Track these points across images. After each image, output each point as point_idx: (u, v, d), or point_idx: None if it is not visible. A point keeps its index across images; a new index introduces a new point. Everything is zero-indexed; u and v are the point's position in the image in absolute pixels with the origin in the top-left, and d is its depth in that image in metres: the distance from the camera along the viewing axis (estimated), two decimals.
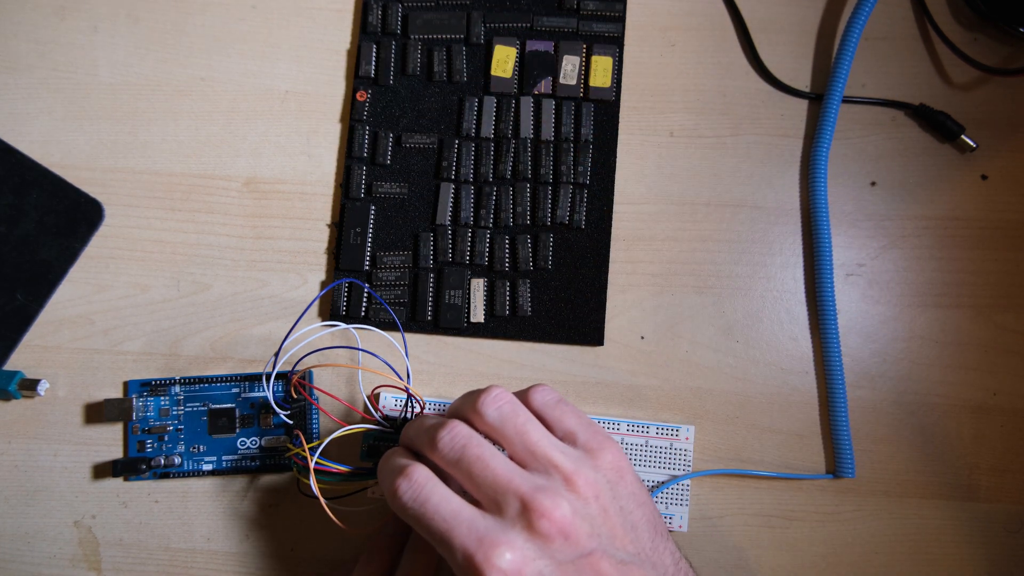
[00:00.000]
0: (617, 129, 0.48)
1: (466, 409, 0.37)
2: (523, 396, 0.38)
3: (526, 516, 0.33)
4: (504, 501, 0.34)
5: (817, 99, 0.49)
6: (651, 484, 0.44)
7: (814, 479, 0.45)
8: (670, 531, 0.44)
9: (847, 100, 0.48)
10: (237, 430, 0.46)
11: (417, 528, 0.35)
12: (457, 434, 0.36)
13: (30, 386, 0.46)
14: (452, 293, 0.47)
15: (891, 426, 0.46)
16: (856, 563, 0.45)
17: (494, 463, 0.35)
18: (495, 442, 0.37)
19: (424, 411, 0.44)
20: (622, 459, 0.37)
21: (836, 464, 0.45)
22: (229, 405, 0.46)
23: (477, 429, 0.37)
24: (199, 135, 0.49)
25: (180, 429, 0.46)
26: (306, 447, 0.40)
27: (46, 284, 0.47)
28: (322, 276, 0.48)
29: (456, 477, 0.35)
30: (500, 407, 0.37)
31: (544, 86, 0.48)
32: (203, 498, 0.46)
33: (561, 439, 0.37)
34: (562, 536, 0.33)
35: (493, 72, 0.49)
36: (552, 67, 0.49)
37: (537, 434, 0.36)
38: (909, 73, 0.49)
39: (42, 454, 0.46)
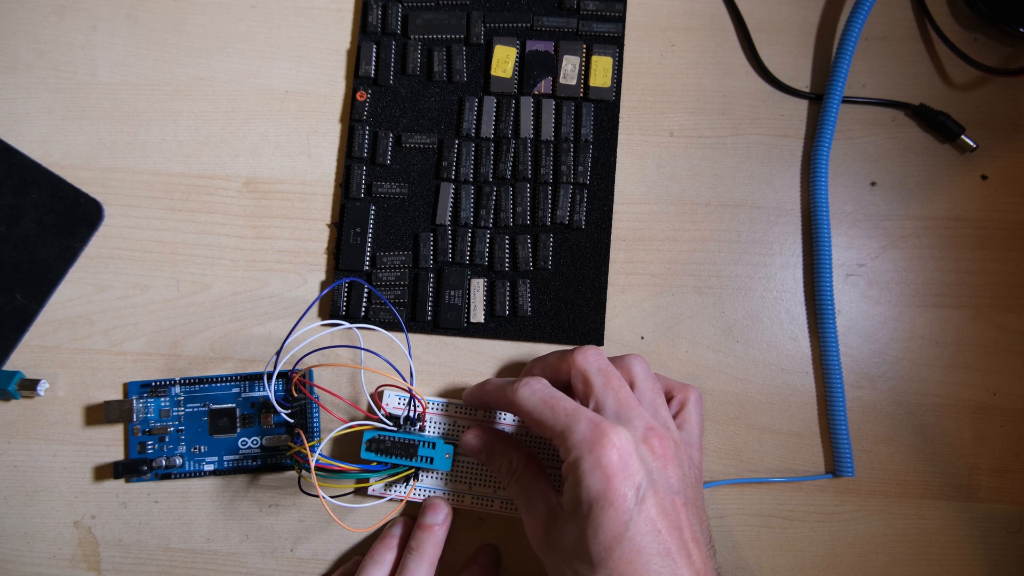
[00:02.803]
0: (617, 129, 0.48)
1: (566, 356, 0.40)
2: (671, 388, 0.43)
3: (644, 432, 0.37)
4: (628, 416, 0.37)
5: (817, 99, 0.49)
6: None
7: (814, 480, 0.45)
8: None
9: (847, 100, 0.48)
10: (238, 430, 0.46)
11: (536, 415, 0.38)
12: (603, 356, 0.40)
13: (30, 386, 0.46)
14: (452, 293, 0.47)
15: (891, 426, 0.46)
16: (856, 563, 0.45)
17: (629, 390, 0.39)
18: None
19: (427, 411, 0.45)
20: (701, 481, 0.41)
21: (835, 463, 0.45)
22: (230, 405, 0.46)
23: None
24: (199, 135, 0.49)
25: (181, 430, 0.46)
26: (307, 445, 0.40)
27: (46, 284, 0.47)
28: (322, 276, 0.48)
29: (588, 384, 0.39)
30: (647, 371, 0.41)
31: (544, 86, 0.48)
32: (203, 498, 0.46)
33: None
34: (664, 460, 0.36)
35: (493, 72, 0.49)
36: (552, 67, 0.49)
37: (667, 408, 0.40)
38: (909, 73, 0.49)
39: (42, 454, 0.46)
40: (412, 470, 0.43)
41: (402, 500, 0.44)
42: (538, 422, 0.38)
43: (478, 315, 0.47)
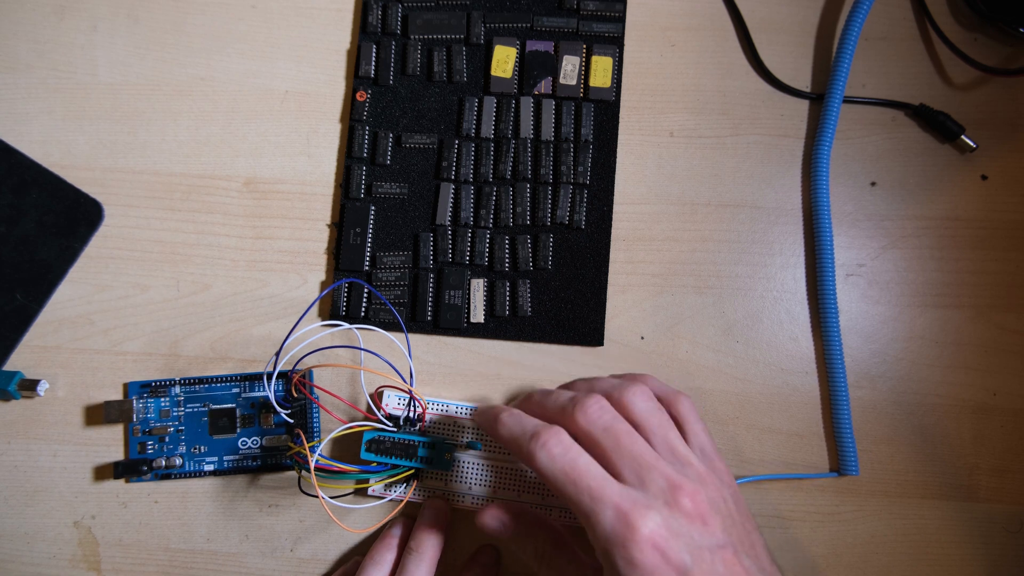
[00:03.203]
0: (617, 129, 0.48)
1: (610, 390, 0.39)
2: (668, 398, 0.41)
3: (670, 494, 0.35)
4: (649, 477, 0.35)
5: (818, 99, 0.49)
6: None
7: (818, 478, 0.45)
8: None
9: (847, 100, 0.48)
10: (238, 430, 0.46)
11: (558, 486, 0.36)
12: (605, 407, 0.38)
13: (30, 386, 0.46)
14: (452, 293, 0.47)
15: (891, 426, 0.46)
16: (856, 563, 0.45)
17: (641, 441, 0.37)
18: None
19: (426, 412, 0.45)
20: (738, 490, 0.39)
21: (840, 462, 0.45)
22: (230, 405, 0.46)
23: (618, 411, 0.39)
24: (199, 135, 0.49)
25: (181, 430, 0.46)
26: (307, 445, 0.40)
27: (46, 284, 0.47)
28: (322, 276, 0.48)
29: (598, 446, 0.37)
30: (648, 401, 0.39)
31: (544, 86, 0.48)
32: (203, 498, 0.46)
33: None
34: (700, 519, 0.34)
35: (493, 72, 0.49)
36: (552, 67, 0.49)
37: (679, 436, 0.38)
38: (909, 73, 0.49)
39: (42, 454, 0.46)
40: (412, 471, 0.43)
41: (402, 501, 0.44)
42: (560, 494, 0.36)
43: (478, 315, 0.47)
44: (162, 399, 0.46)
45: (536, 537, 0.40)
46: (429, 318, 0.47)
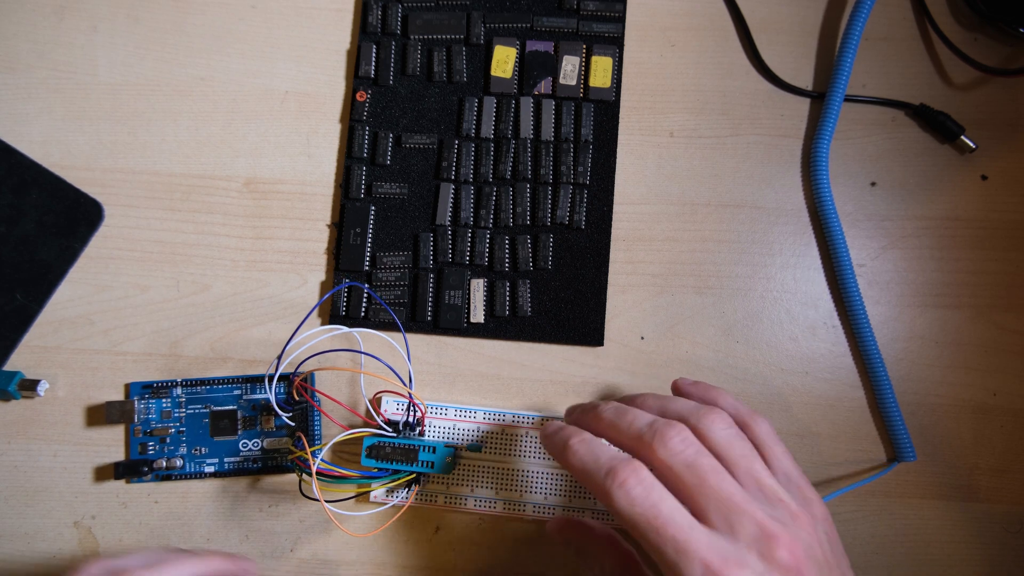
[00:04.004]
0: (617, 129, 0.48)
1: (687, 416, 0.36)
2: (745, 420, 0.38)
3: (763, 543, 0.32)
4: (739, 522, 0.32)
5: (819, 97, 0.49)
6: None
7: (881, 475, 0.45)
8: None
9: (848, 99, 0.48)
10: (239, 432, 0.46)
11: (639, 531, 0.32)
12: (688, 439, 0.34)
13: (30, 386, 0.46)
14: (452, 293, 0.47)
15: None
16: (856, 563, 0.45)
17: (729, 479, 0.33)
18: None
19: (426, 416, 0.44)
20: (829, 516, 0.36)
21: (896, 450, 0.45)
22: (231, 407, 0.46)
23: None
24: (199, 135, 0.49)
25: (182, 431, 0.46)
26: (308, 450, 0.40)
27: (46, 284, 0.47)
28: (322, 276, 0.48)
29: (680, 483, 0.33)
30: (730, 428, 0.35)
31: (544, 86, 0.48)
32: (203, 499, 0.46)
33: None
34: (796, 571, 0.31)
35: (493, 72, 0.48)
36: (552, 67, 0.49)
37: (763, 465, 0.35)
38: (909, 73, 0.49)
39: (42, 455, 0.46)
40: (413, 475, 0.43)
41: (404, 506, 0.44)
42: (640, 539, 0.32)
43: (478, 315, 0.47)
44: (163, 400, 0.46)
45: (602, 561, 0.38)
46: (429, 318, 0.47)
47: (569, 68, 0.48)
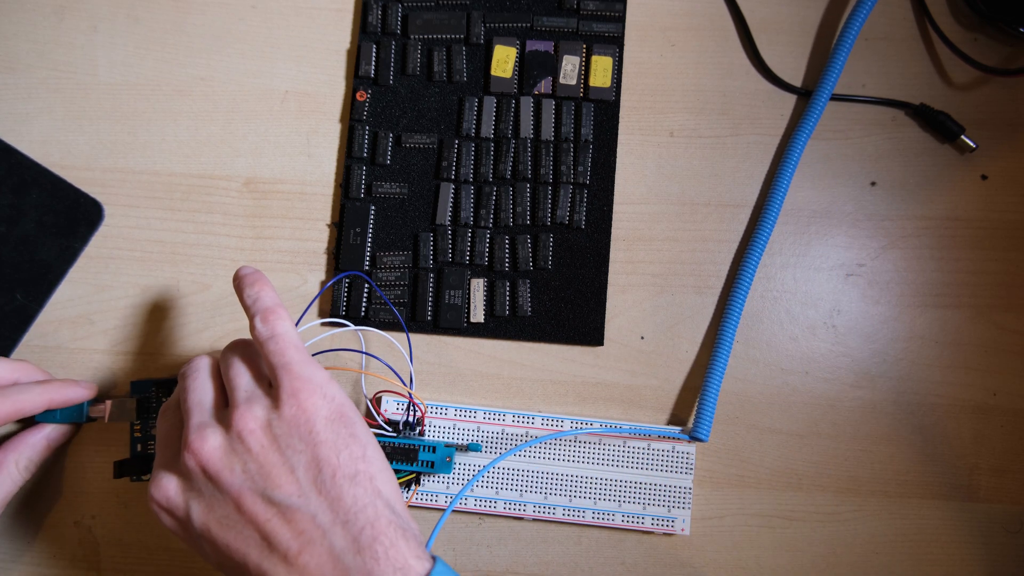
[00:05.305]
0: (617, 129, 0.48)
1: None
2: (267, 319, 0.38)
3: (183, 451, 0.35)
4: (180, 436, 0.37)
5: (807, 95, 0.49)
6: (652, 486, 0.44)
7: (666, 434, 0.45)
8: (671, 534, 0.44)
9: (848, 99, 0.48)
10: None
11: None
12: (191, 364, 0.39)
13: None
14: (452, 293, 0.47)
15: (891, 426, 0.46)
16: (856, 563, 0.45)
17: (192, 396, 0.37)
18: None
19: (426, 416, 0.45)
20: (319, 398, 0.35)
21: (694, 423, 0.44)
22: None
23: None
24: (199, 135, 0.49)
25: None
26: None
27: (46, 284, 0.47)
28: (322, 276, 0.48)
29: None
30: (236, 341, 0.39)
31: (544, 86, 0.48)
32: None
33: (268, 374, 0.37)
34: (202, 472, 0.35)
35: (493, 72, 0.49)
36: (552, 67, 0.49)
37: (234, 370, 0.37)
38: (909, 73, 0.49)
39: None
40: (413, 475, 0.43)
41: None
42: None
43: (478, 315, 0.47)
44: (164, 399, 0.46)
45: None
46: (429, 318, 0.47)
47: (569, 68, 0.48)
